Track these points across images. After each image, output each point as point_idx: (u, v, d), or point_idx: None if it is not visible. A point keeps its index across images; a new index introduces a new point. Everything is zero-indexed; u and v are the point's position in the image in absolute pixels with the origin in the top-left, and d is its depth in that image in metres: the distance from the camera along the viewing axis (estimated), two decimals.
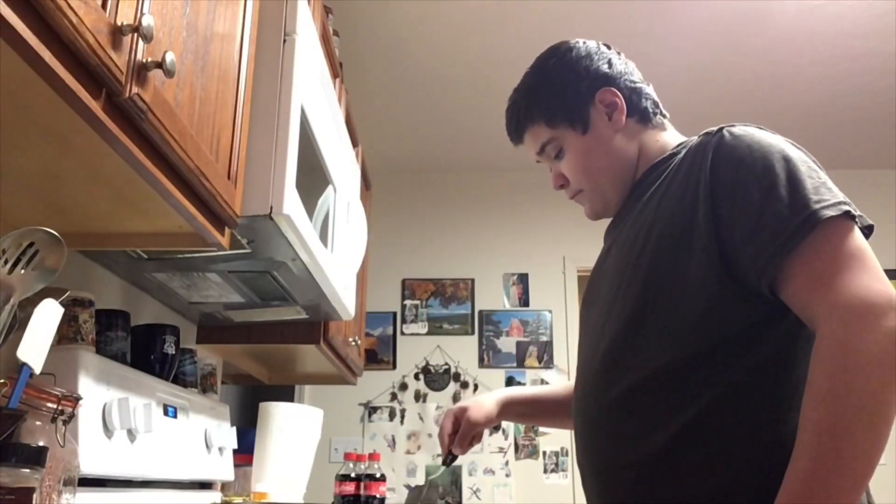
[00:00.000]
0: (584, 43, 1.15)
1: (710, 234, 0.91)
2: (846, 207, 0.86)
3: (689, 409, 0.89)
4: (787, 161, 0.90)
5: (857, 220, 0.88)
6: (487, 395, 1.36)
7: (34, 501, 0.76)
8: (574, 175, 1.14)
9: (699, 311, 0.91)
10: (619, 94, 1.11)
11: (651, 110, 1.13)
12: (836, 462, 0.75)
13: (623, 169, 1.11)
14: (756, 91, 3.52)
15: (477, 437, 1.33)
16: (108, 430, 1.24)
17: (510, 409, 1.34)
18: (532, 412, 1.40)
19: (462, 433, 1.30)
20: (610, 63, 1.13)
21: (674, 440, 0.89)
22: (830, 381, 0.78)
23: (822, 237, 0.85)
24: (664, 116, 1.15)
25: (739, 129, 0.96)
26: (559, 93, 1.13)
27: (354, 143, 2.34)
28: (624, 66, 1.14)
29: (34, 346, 0.82)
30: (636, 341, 0.96)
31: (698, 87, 3.45)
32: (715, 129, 0.99)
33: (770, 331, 0.90)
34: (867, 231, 0.90)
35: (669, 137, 1.13)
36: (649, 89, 1.15)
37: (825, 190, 0.88)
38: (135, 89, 0.80)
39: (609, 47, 1.17)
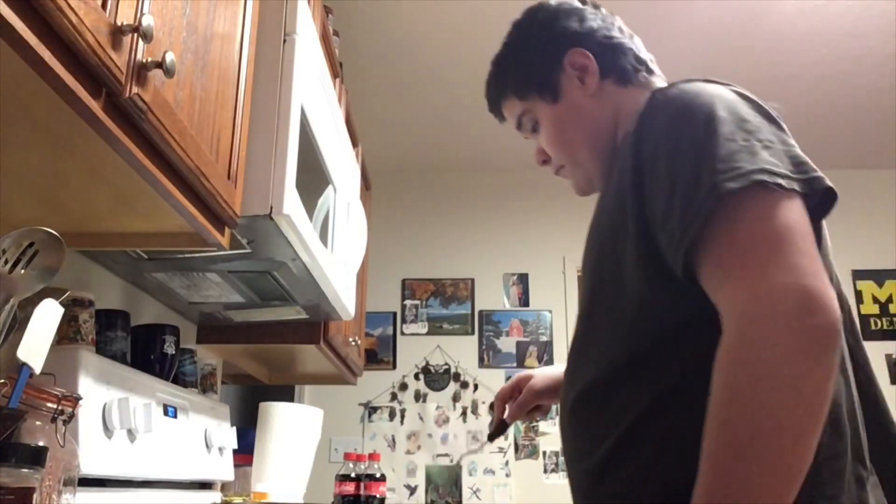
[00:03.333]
0: (556, 1, 1.03)
1: (635, 216, 0.79)
2: (759, 177, 0.70)
3: (627, 416, 0.79)
4: (709, 122, 0.76)
5: (784, 185, 0.70)
6: (558, 366, 1.15)
7: (34, 501, 0.76)
8: (551, 148, 1.03)
9: (636, 304, 0.80)
10: (588, 54, 0.98)
11: (632, 67, 0.99)
12: (741, 484, 0.64)
13: (600, 138, 0.98)
14: (755, 91, 3.48)
15: (539, 409, 1.21)
16: (108, 430, 1.24)
17: None
18: None
19: (521, 401, 1.18)
20: (581, 19, 1.00)
21: (614, 448, 0.80)
22: (722, 398, 0.66)
23: (727, 218, 0.71)
24: (652, 73, 1.01)
25: (675, 90, 0.83)
26: (525, 61, 1.02)
27: (354, 143, 2.34)
28: (600, 21, 1.00)
29: (34, 346, 0.82)
30: (589, 339, 0.87)
31: None
32: (658, 87, 0.89)
33: (709, 326, 0.72)
34: (825, 196, 0.74)
35: None
36: (633, 43, 1.01)
37: (745, 155, 0.72)
38: (135, 89, 0.80)
39: (585, 2, 1.03)
